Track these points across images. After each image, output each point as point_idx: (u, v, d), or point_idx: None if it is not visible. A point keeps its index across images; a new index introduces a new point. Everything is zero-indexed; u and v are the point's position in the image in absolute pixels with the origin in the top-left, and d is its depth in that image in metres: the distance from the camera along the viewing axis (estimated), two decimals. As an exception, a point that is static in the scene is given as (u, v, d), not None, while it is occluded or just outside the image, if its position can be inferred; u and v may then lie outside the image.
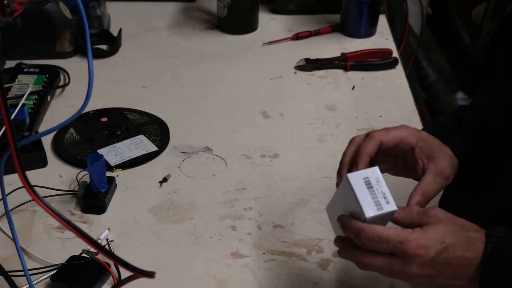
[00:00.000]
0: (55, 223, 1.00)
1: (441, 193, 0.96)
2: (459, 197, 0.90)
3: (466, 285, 0.73)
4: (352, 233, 0.73)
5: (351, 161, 0.82)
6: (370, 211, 0.72)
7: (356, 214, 0.74)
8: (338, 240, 0.78)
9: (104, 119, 1.24)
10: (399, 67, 1.42)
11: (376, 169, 0.75)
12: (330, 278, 0.92)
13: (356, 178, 0.74)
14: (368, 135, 0.82)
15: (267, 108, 1.29)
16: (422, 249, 0.71)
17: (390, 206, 0.73)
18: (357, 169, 0.79)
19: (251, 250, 0.97)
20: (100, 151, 1.15)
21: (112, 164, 1.13)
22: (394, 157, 0.86)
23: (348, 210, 0.75)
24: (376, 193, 0.73)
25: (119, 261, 0.61)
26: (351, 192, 0.74)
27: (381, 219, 0.74)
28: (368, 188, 0.74)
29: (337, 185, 0.82)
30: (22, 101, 1.20)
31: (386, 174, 0.86)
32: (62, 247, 0.97)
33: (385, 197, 0.73)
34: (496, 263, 0.71)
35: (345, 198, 0.76)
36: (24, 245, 0.97)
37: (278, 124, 1.26)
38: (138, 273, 0.60)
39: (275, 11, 1.63)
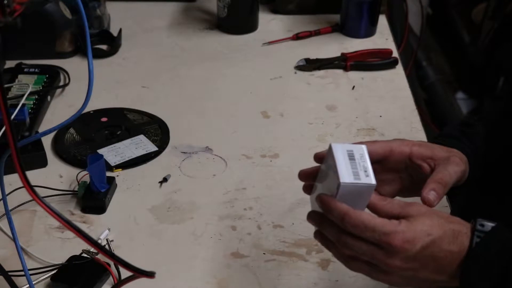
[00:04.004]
0: (55, 223, 1.00)
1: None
2: (483, 207, 0.84)
3: (447, 280, 0.71)
4: (337, 217, 0.69)
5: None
6: (346, 178, 0.68)
7: (333, 188, 0.70)
8: (314, 215, 0.73)
9: (104, 119, 1.24)
10: (399, 67, 1.42)
11: (363, 146, 0.72)
12: (330, 278, 0.92)
13: (339, 148, 0.71)
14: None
15: (267, 108, 1.29)
16: (408, 243, 0.68)
17: (369, 179, 0.69)
18: None
19: (251, 250, 0.97)
20: (100, 151, 1.15)
21: (112, 164, 1.13)
22: (397, 174, 0.82)
23: (329, 187, 0.71)
24: (358, 165, 0.70)
25: (119, 261, 0.61)
26: (331, 163, 0.70)
27: (358, 195, 0.70)
28: (350, 160, 0.70)
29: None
30: (22, 101, 1.20)
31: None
32: (62, 247, 0.97)
33: (365, 171, 0.70)
34: (479, 259, 0.69)
35: (325, 172, 0.72)
36: (24, 245, 0.97)
37: (278, 124, 1.26)
38: (138, 273, 0.60)
39: (275, 11, 1.63)
